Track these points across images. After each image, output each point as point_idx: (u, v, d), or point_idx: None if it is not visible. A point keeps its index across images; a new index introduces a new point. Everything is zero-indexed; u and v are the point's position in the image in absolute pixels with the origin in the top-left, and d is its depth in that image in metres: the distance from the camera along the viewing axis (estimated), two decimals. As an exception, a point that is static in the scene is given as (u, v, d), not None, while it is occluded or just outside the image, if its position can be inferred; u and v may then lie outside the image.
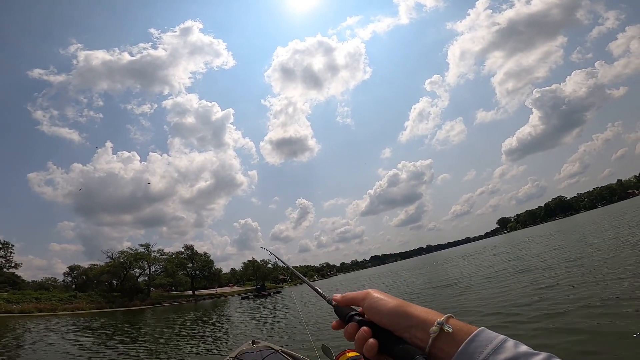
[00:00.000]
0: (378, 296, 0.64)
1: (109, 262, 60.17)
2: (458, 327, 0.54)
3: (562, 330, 6.18)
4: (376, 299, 0.63)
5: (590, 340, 5.44)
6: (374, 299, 0.64)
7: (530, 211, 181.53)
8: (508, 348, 0.48)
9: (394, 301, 0.62)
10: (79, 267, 65.66)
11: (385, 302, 0.62)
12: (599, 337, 5.46)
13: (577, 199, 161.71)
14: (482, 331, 0.52)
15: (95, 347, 14.58)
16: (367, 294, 0.66)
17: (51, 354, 13.40)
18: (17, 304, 39.38)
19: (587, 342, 5.38)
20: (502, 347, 0.49)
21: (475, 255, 37.04)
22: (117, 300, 53.36)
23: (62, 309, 41.97)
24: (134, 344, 15.18)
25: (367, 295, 0.66)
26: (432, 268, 35.39)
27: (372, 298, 0.64)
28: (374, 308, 0.62)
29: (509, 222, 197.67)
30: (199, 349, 12.18)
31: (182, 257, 73.62)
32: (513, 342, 0.50)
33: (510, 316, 8.02)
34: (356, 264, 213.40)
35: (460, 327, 0.54)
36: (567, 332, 6.03)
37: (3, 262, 49.03)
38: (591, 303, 7.29)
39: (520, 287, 11.22)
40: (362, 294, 0.67)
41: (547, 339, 5.98)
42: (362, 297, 0.66)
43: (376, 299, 0.63)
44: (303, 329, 11.68)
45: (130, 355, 12.21)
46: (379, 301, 0.62)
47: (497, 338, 0.50)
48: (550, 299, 8.60)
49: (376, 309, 0.62)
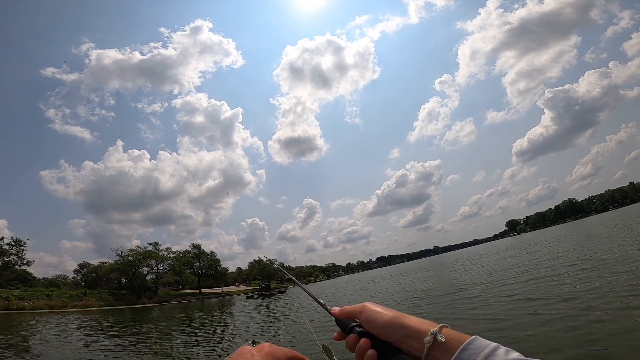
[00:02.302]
0: (374, 309, 0.66)
1: (118, 260, 61.19)
2: (451, 337, 0.56)
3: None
4: (372, 312, 0.66)
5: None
6: (370, 312, 0.66)
7: (539, 213, 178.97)
8: (499, 355, 0.50)
9: (389, 313, 0.64)
10: (88, 265, 66.95)
11: (381, 315, 0.64)
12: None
13: (588, 201, 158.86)
14: (475, 339, 0.54)
15: (104, 344, 14.90)
16: (363, 307, 0.68)
17: (65, 350, 13.69)
18: (28, 301, 40.30)
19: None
20: (494, 354, 0.51)
21: (491, 256, 36.55)
22: (125, 298, 54.28)
23: (72, 306, 42.81)
24: (140, 340, 15.47)
25: (364, 308, 0.68)
26: (437, 271, 35.10)
27: (369, 311, 0.66)
28: (371, 321, 0.65)
29: (518, 225, 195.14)
30: (199, 348, 12.33)
31: (190, 256, 74.50)
32: (504, 350, 0.51)
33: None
34: (362, 264, 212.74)
35: (453, 336, 0.56)
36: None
37: (15, 259, 50.06)
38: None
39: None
40: (359, 308, 0.69)
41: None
42: (359, 310, 0.68)
43: (372, 312, 0.66)
44: (304, 328, 11.72)
45: (132, 352, 12.48)
46: (375, 314, 0.65)
47: (489, 346, 0.52)
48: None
49: (373, 322, 0.64)
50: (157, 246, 66.77)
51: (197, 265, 75.80)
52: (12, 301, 38.50)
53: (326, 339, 1.75)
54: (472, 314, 9.72)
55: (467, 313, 10.07)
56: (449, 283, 19.74)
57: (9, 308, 36.81)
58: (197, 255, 75.77)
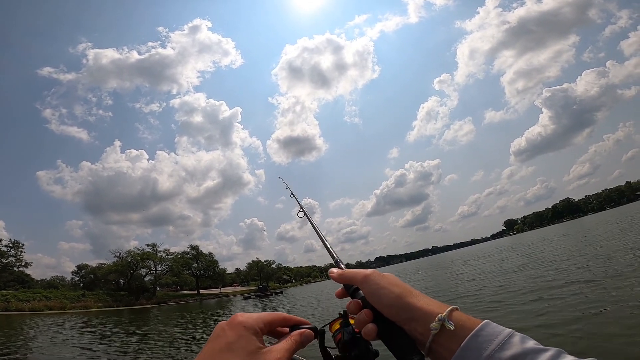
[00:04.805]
0: (379, 282, 0.59)
1: (116, 261, 61.45)
2: (461, 322, 0.51)
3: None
4: (377, 286, 0.59)
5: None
6: (375, 286, 0.59)
7: (537, 213, 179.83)
8: (515, 344, 0.46)
9: (395, 290, 0.57)
10: (87, 266, 67.14)
11: (386, 292, 0.57)
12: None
13: (585, 201, 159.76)
14: (487, 324, 0.49)
15: (102, 345, 15.15)
16: (366, 277, 0.60)
17: (66, 349, 13.97)
18: (27, 302, 40.51)
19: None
20: (509, 342, 0.46)
21: (491, 256, 36.86)
22: (123, 299, 54.48)
23: (71, 307, 43.03)
24: (136, 341, 15.74)
25: (367, 279, 0.60)
26: (435, 271, 35.41)
27: (373, 284, 0.59)
28: (375, 296, 0.58)
29: (516, 224, 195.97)
30: (194, 351, 12.55)
31: (188, 257, 74.74)
32: (520, 337, 0.47)
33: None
34: (360, 264, 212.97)
35: (463, 322, 0.51)
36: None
37: (13, 261, 50.18)
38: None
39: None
40: (361, 277, 0.61)
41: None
42: (360, 279, 0.61)
43: (377, 287, 0.58)
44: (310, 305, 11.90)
45: (128, 353, 12.74)
46: (380, 290, 0.58)
47: (503, 332, 0.48)
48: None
49: (377, 297, 0.58)
50: (156, 247, 67.17)
51: (195, 266, 76.02)
52: (12, 303, 38.69)
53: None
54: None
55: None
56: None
57: (8, 310, 37.00)
58: (195, 257, 75.98)
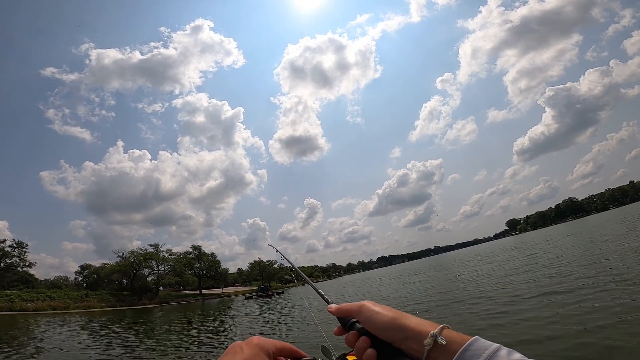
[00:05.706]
0: (373, 309, 0.65)
1: (119, 261, 61.57)
2: (452, 338, 0.55)
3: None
4: (371, 312, 0.64)
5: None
6: (370, 312, 0.64)
7: (540, 213, 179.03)
8: (501, 356, 0.50)
9: (389, 314, 0.62)
10: (90, 266, 67.37)
11: (381, 316, 0.63)
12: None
13: (589, 200, 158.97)
14: (476, 340, 0.53)
15: (109, 345, 15.14)
16: (361, 306, 0.66)
17: (70, 349, 13.93)
18: (31, 302, 40.69)
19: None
20: (496, 355, 0.50)
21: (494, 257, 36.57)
22: (126, 299, 54.62)
23: (75, 307, 43.21)
24: (140, 341, 15.78)
25: (362, 307, 0.66)
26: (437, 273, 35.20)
27: (368, 311, 0.65)
28: (371, 322, 0.63)
29: (519, 224, 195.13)
30: (194, 350, 12.50)
31: (190, 257, 74.86)
32: (506, 350, 0.51)
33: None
34: (362, 264, 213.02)
35: (454, 338, 0.55)
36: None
37: (17, 261, 50.34)
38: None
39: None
40: (357, 307, 0.67)
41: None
42: (356, 309, 0.67)
43: (372, 313, 0.64)
44: (298, 328, 11.80)
45: (130, 353, 12.78)
46: (375, 315, 0.63)
47: (491, 347, 0.51)
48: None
49: (372, 322, 0.63)
50: (158, 247, 67.26)
51: (198, 266, 76.14)
52: (16, 302, 38.90)
53: (329, 339, 1.95)
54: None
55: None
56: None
57: (12, 309, 37.22)
58: (197, 257, 76.10)
